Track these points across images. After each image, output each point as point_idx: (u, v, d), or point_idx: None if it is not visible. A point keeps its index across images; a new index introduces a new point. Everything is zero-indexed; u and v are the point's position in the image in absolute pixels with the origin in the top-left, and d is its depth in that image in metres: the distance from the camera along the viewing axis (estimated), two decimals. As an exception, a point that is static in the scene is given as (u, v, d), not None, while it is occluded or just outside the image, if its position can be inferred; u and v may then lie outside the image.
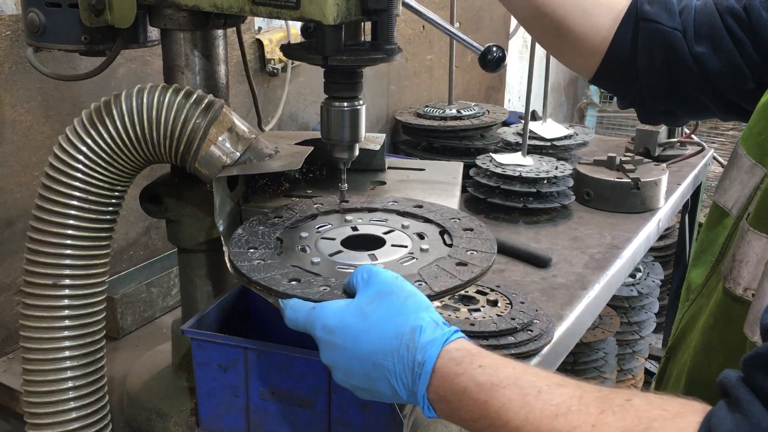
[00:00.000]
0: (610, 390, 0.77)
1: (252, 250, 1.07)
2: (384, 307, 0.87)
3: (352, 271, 0.95)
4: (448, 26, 1.13)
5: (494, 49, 1.05)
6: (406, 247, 1.09)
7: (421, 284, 0.95)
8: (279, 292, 0.96)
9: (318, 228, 1.15)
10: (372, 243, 1.11)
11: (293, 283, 0.97)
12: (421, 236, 1.13)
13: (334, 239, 1.11)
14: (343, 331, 0.87)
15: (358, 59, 1.05)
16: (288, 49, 1.11)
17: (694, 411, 0.71)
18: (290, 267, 1.02)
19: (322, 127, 1.13)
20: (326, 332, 0.89)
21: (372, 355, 0.85)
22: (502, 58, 1.06)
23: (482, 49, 1.06)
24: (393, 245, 1.09)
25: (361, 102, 1.11)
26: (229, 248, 1.07)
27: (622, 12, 1.21)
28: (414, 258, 1.06)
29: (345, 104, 1.10)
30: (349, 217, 1.18)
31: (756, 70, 1.10)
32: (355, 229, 1.15)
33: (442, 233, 1.13)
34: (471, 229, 1.11)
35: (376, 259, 1.05)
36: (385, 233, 1.13)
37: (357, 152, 1.16)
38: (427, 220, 1.16)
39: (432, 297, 0.93)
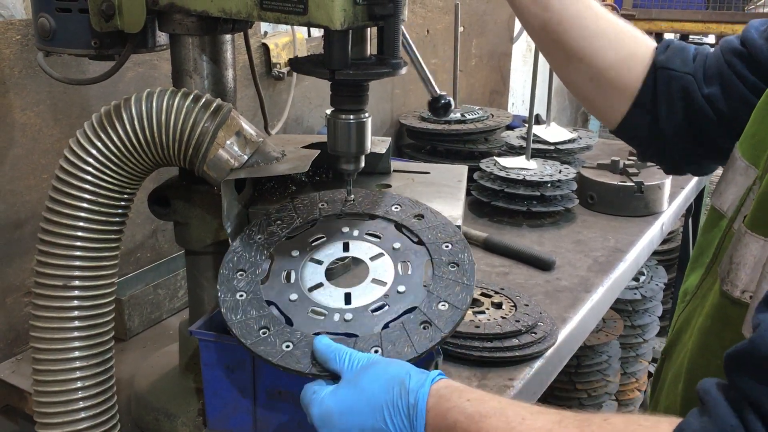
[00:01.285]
0: (590, 413, 0.84)
1: (240, 273, 1.10)
2: (371, 373, 0.95)
3: (316, 315, 1.04)
4: (422, 63, 1.20)
5: (444, 97, 1.14)
6: (385, 284, 1.10)
7: (377, 350, 1.01)
8: (247, 347, 1.01)
9: (312, 242, 1.16)
10: (356, 270, 1.14)
11: (262, 332, 1.02)
12: (405, 265, 1.13)
13: (321, 263, 1.13)
14: (339, 407, 0.94)
15: (364, 74, 1.06)
16: (296, 63, 1.13)
17: (670, 422, 0.76)
18: (264, 310, 1.06)
19: (329, 139, 1.15)
20: (323, 416, 0.95)
21: (369, 418, 0.92)
22: (448, 105, 1.17)
23: (437, 94, 1.16)
24: (373, 280, 1.11)
25: (367, 114, 1.13)
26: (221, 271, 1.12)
27: (650, 63, 1.23)
28: (386, 305, 1.07)
29: (351, 117, 1.12)
30: (345, 228, 1.18)
31: None
32: (346, 248, 1.15)
33: (428, 263, 1.12)
34: (456, 264, 1.11)
35: (350, 303, 1.08)
36: (373, 258, 1.14)
37: (363, 164, 1.17)
38: (420, 242, 1.15)
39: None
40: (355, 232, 1.18)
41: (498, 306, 1.64)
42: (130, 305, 1.65)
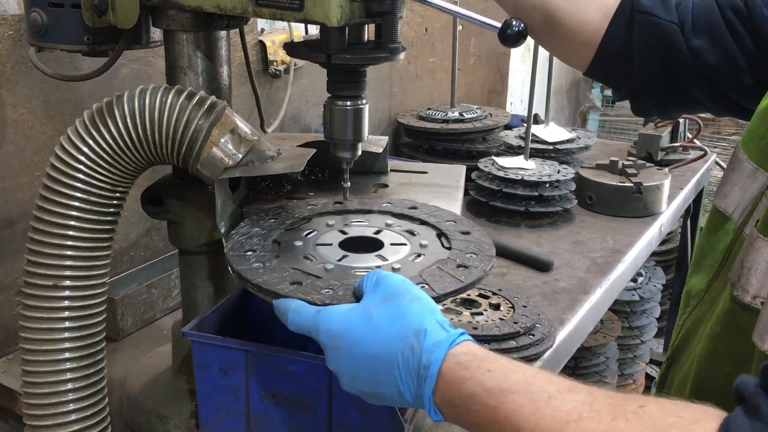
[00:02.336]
0: (623, 396, 0.75)
1: (250, 253, 1.06)
2: (389, 310, 0.86)
3: (362, 274, 0.94)
4: (462, 11, 1.11)
5: (514, 23, 1.03)
6: (405, 245, 1.08)
7: (424, 287, 0.94)
8: (281, 295, 0.95)
9: (306, 234, 1.13)
10: (369, 245, 1.11)
11: (294, 286, 0.96)
12: (412, 233, 1.12)
13: (331, 244, 1.10)
14: (347, 335, 0.86)
15: (361, 58, 1.04)
16: (291, 47, 1.10)
17: (710, 417, 0.69)
18: (291, 270, 1.01)
19: (325, 126, 1.13)
20: (330, 337, 0.88)
21: (376, 358, 0.84)
22: (522, 33, 1.04)
23: (500, 25, 1.05)
24: (393, 244, 1.09)
25: (364, 101, 1.10)
26: (228, 250, 1.07)
27: (615, 3, 1.19)
28: (421, 255, 1.05)
29: (348, 103, 1.09)
30: (341, 219, 1.17)
31: (754, 65, 1.09)
32: (343, 232, 1.13)
33: (439, 236, 1.12)
34: (468, 233, 1.10)
35: (386, 260, 1.04)
36: (375, 233, 1.12)
37: (360, 152, 1.15)
38: (423, 223, 1.15)
39: (436, 299, 0.92)
40: (352, 221, 1.17)
41: (496, 307, 1.62)
42: (123, 305, 1.63)
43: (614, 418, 0.71)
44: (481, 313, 1.59)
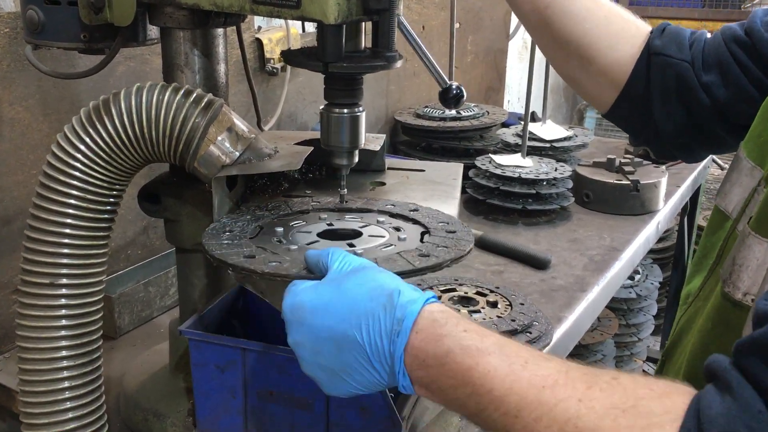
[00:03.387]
0: (597, 368, 0.76)
1: (227, 234, 1.07)
2: (358, 277, 0.84)
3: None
4: (428, 54, 1.14)
5: (454, 87, 1.08)
6: (384, 237, 1.08)
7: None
8: (231, 265, 0.96)
9: (292, 223, 1.14)
10: (347, 236, 1.11)
11: (246, 259, 0.97)
12: (397, 229, 1.12)
13: (310, 232, 1.11)
14: (312, 303, 0.84)
15: (358, 66, 1.04)
16: (288, 55, 1.11)
17: (681, 392, 0.71)
18: (254, 247, 1.01)
19: (322, 134, 1.13)
20: (294, 309, 0.85)
21: (343, 321, 0.81)
22: (460, 96, 1.09)
23: (446, 84, 1.09)
24: (371, 236, 1.09)
25: (361, 108, 1.11)
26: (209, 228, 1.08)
27: (642, 46, 1.21)
28: (392, 245, 1.05)
29: (345, 111, 1.10)
30: (336, 216, 1.18)
31: (765, 92, 1.09)
32: (330, 224, 1.14)
33: (423, 233, 1.12)
34: (453, 231, 1.10)
35: (353, 246, 1.04)
36: (363, 227, 1.13)
37: (356, 159, 1.16)
38: (416, 222, 1.15)
39: None
40: (347, 217, 1.17)
41: (493, 305, 1.62)
42: (120, 303, 1.63)
43: (589, 387, 0.72)
44: (478, 311, 1.59)
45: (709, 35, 1.20)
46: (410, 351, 0.79)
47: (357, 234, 1.11)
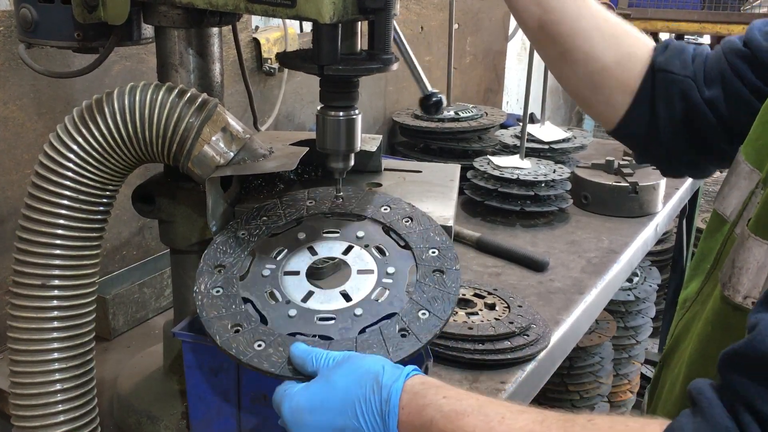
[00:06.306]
0: (573, 414, 0.80)
1: (219, 270, 1.07)
2: (344, 368, 0.91)
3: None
4: (415, 60, 1.14)
5: (434, 96, 1.09)
6: (372, 272, 1.07)
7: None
8: (219, 345, 0.98)
9: (276, 255, 1.11)
10: (341, 272, 1.11)
11: (234, 330, 0.99)
12: (381, 252, 1.10)
13: (298, 273, 1.09)
14: (309, 402, 0.90)
15: (354, 69, 1.03)
16: (283, 57, 1.09)
17: (658, 423, 0.74)
18: (240, 307, 1.02)
19: (318, 137, 1.12)
20: (293, 411, 0.91)
21: (340, 414, 0.88)
22: (439, 103, 1.12)
23: (428, 91, 1.10)
24: (359, 271, 1.08)
25: (357, 111, 1.10)
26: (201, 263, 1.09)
27: (648, 63, 1.20)
28: (386, 289, 1.05)
29: (341, 114, 1.09)
30: (330, 228, 1.15)
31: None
32: (313, 252, 1.12)
33: (412, 268, 1.09)
34: (441, 272, 1.07)
35: (350, 299, 1.04)
36: (344, 252, 1.11)
37: (352, 162, 1.14)
38: (406, 246, 1.12)
39: None
40: (340, 234, 1.15)
41: (491, 307, 1.61)
42: (115, 304, 1.62)
43: (565, 431, 0.76)
44: (476, 313, 1.58)
45: (711, 51, 1.19)
46: (401, 426, 0.86)
47: (341, 266, 1.10)
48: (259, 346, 0.97)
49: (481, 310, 1.60)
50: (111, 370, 1.46)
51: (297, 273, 1.09)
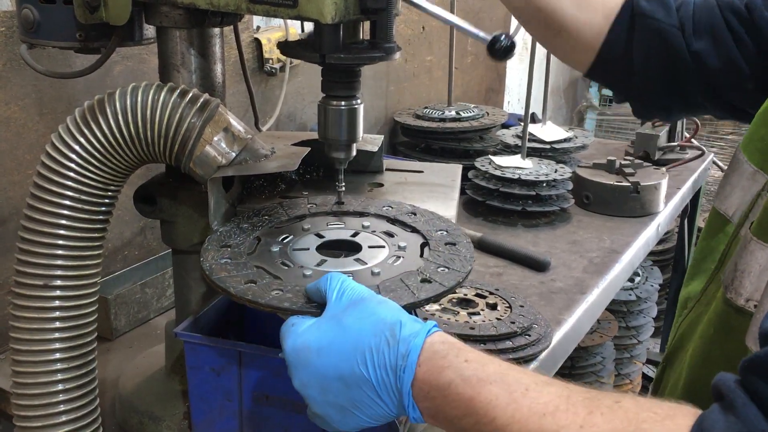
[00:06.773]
0: (599, 392, 0.75)
1: (225, 248, 1.05)
2: (358, 310, 0.84)
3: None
4: (453, 18, 1.09)
5: (503, 37, 1.01)
6: (383, 247, 1.07)
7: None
8: (232, 294, 0.94)
9: (283, 239, 1.10)
10: (346, 248, 1.10)
11: (248, 285, 0.95)
12: (389, 234, 1.11)
13: (308, 249, 1.08)
14: (316, 342, 0.83)
15: (356, 57, 1.03)
16: (285, 46, 1.09)
17: (685, 413, 0.70)
18: (252, 269, 1.00)
19: (319, 126, 1.11)
20: (295, 351, 0.85)
21: (349, 359, 0.81)
22: (511, 47, 1.01)
23: (489, 38, 1.01)
24: (370, 246, 1.07)
25: (359, 101, 1.09)
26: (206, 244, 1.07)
27: (617, 7, 1.19)
28: (400, 257, 1.04)
29: (342, 103, 1.08)
30: (334, 221, 1.16)
31: (755, 68, 1.08)
32: (320, 237, 1.11)
33: (423, 245, 1.09)
34: (453, 244, 1.07)
35: (365, 263, 1.03)
36: (353, 236, 1.11)
37: (354, 152, 1.14)
38: (414, 231, 1.13)
39: None
40: (345, 225, 1.15)
41: (493, 307, 1.61)
42: (117, 304, 1.62)
43: (590, 412, 0.71)
44: (478, 313, 1.58)
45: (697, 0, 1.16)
46: (416, 384, 0.79)
47: (354, 246, 1.09)
48: (277, 293, 0.93)
49: (482, 310, 1.60)
50: (113, 371, 1.46)
51: (307, 249, 1.08)
